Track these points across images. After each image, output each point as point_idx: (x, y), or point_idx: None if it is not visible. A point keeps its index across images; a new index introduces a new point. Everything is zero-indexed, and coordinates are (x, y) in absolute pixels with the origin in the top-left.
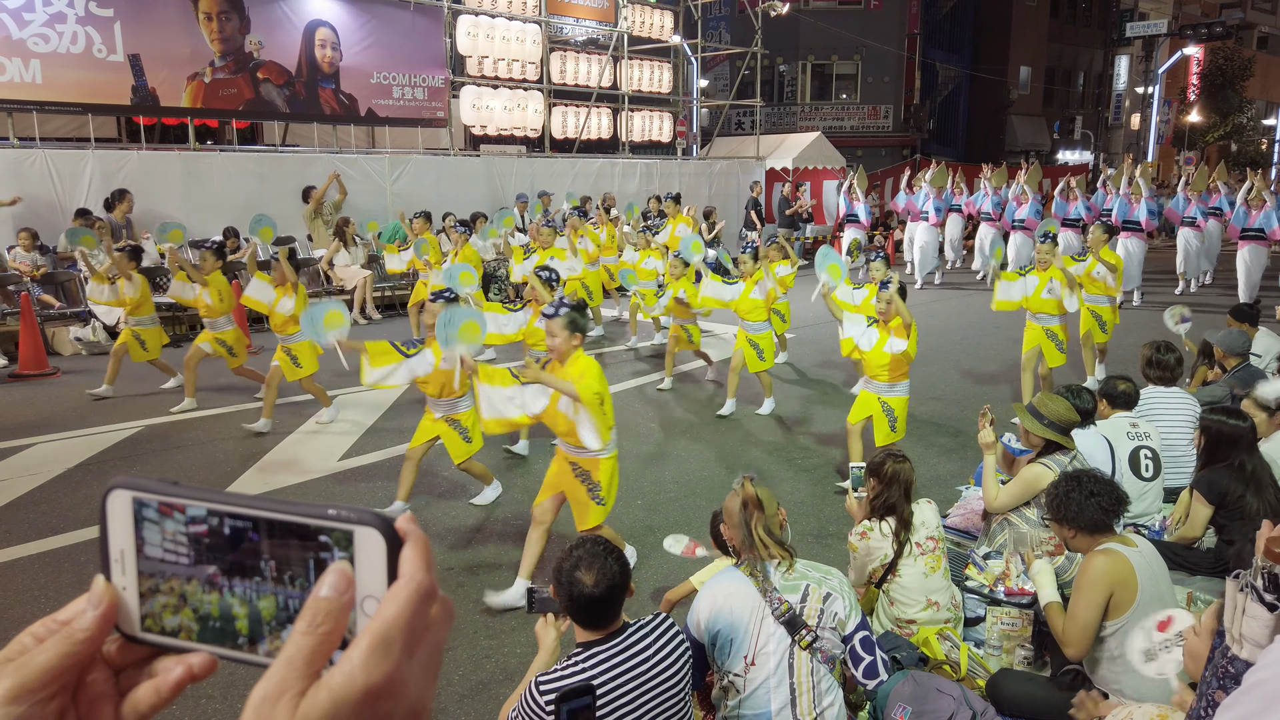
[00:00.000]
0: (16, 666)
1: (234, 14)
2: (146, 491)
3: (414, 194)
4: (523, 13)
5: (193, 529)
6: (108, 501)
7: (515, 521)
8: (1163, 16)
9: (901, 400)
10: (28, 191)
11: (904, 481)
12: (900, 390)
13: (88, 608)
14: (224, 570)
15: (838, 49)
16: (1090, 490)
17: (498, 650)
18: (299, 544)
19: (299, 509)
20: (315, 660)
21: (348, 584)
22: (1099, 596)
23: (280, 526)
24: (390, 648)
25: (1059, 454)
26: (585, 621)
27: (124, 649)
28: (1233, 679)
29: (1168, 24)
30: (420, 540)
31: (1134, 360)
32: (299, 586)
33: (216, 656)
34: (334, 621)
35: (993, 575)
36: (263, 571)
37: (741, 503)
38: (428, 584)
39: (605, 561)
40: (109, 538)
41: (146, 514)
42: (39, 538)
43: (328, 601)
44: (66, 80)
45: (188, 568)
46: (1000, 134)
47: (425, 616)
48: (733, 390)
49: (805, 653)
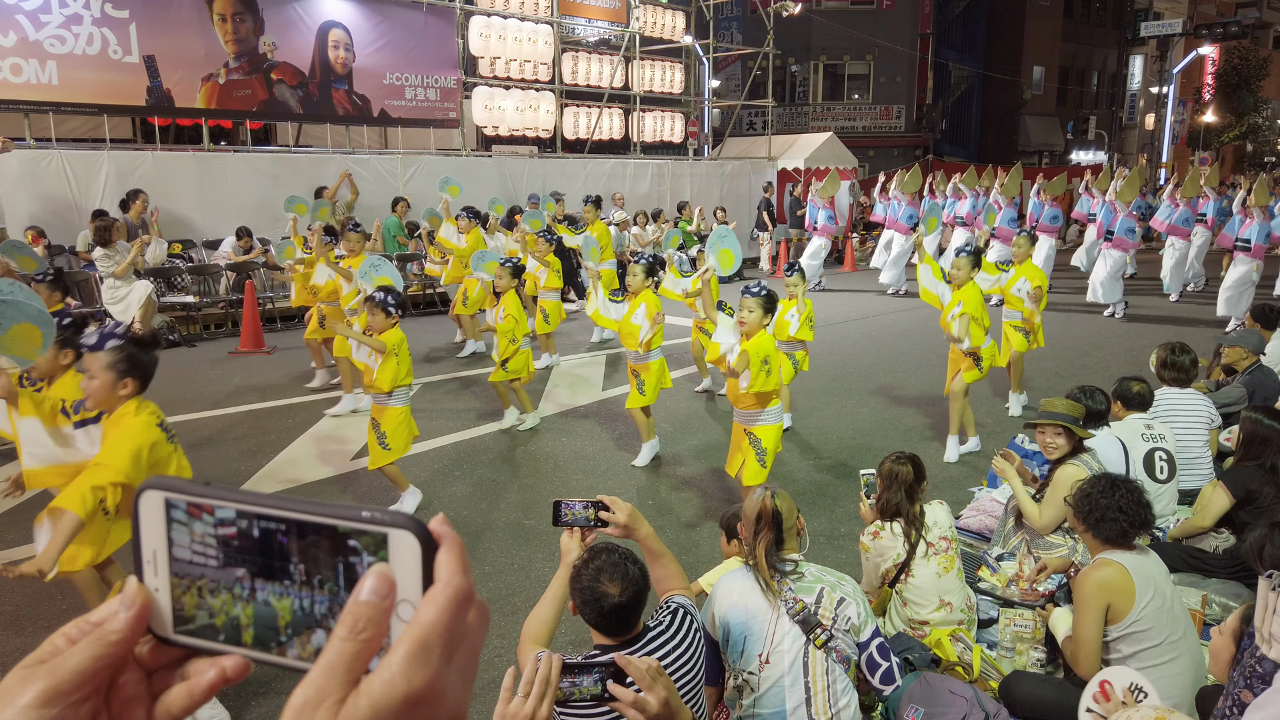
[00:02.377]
0: (49, 669)
1: (248, 15)
2: (177, 492)
3: (426, 194)
4: (535, 13)
5: (222, 530)
6: (140, 502)
7: (525, 521)
8: (1178, 16)
9: (769, 431)
10: (44, 192)
11: (903, 482)
12: (769, 418)
13: (120, 609)
14: (255, 571)
15: (850, 49)
16: (1120, 506)
17: (508, 650)
18: (330, 546)
19: (331, 510)
20: (356, 667)
21: (390, 588)
22: (1097, 613)
23: (311, 528)
24: (430, 654)
25: (1086, 454)
26: (610, 630)
27: (156, 651)
28: (1261, 679)
29: (1183, 23)
30: (456, 543)
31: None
32: (328, 590)
33: (249, 659)
34: (375, 627)
35: (1005, 577)
36: (292, 574)
37: (757, 515)
38: (466, 588)
39: (628, 569)
40: (141, 538)
41: (176, 515)
42: None
43: (369, 606)
44: (82, 81)
45: (218, 569)
46: (1014, 134)
47: (463, 621)
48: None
49: (820, 652)
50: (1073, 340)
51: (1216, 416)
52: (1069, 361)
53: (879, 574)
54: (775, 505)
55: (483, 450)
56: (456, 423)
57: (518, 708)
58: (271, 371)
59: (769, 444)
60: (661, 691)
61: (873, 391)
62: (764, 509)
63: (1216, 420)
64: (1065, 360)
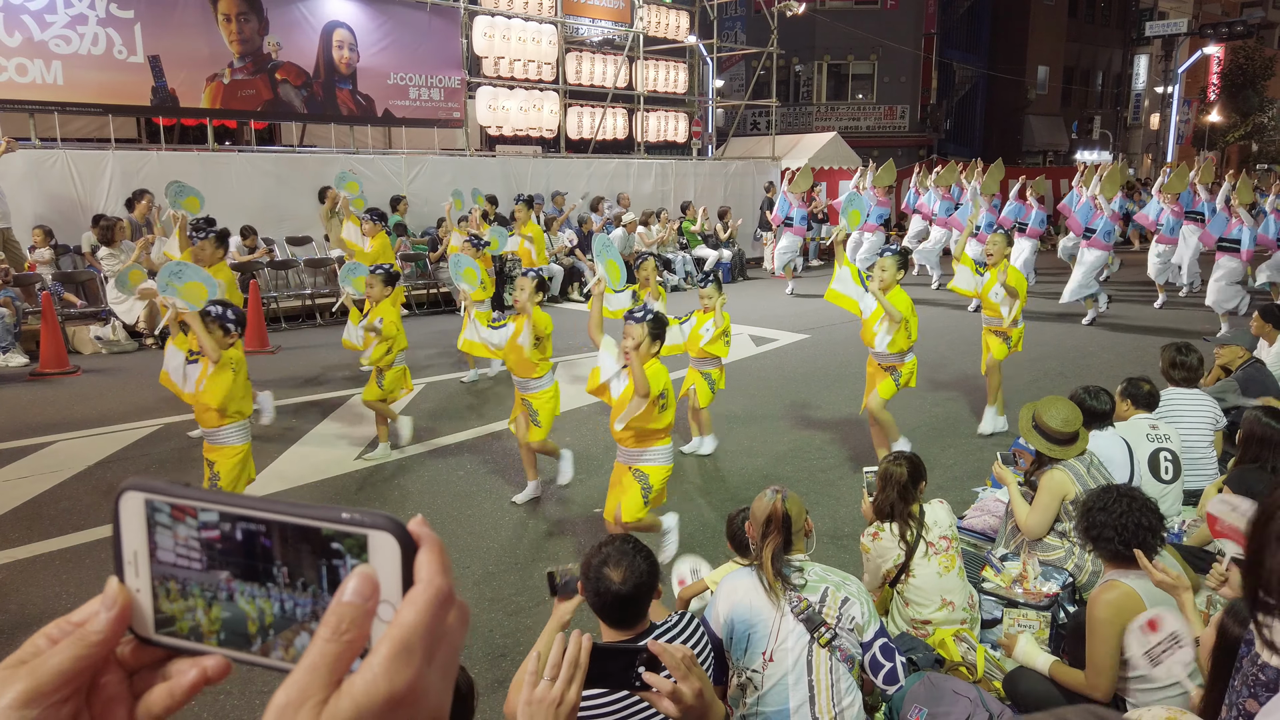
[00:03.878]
0: (30, 669)
1: (253, 15)
2: (159, 494)
3: (430, 194)
4: (539, 14)
5: (205, 533)
6: (120, 503)
7: (526, 519)
8: (1183, 15)
9: (657, 471)
10: (49, 192)
11: (897, 482)
12: (656, 457)
13: (101, 609)
14: (237, 573)
15: (854, 49)
16: (1115, 524)
17: (513, 649)
18: (311, 548)
19: (311, 512)
20: (338, 668)
21: (373, 590)
22: (1111, 640)
23: (292, 530)
24: (411, 655)
25: (1077, 460)
26: (612, 620)
27: (138, 651)
28: (1265, 687)
29: (1188, 23)
30: (435, 544)
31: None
32: (310, 592)
33: (230, 659)
34: (358, 629)
35: (1010, 577)
36: (275, 575)
37: (766, 518)
38: (446, 589)
39: (634, 560)
40: (122, 539)
41: (159, 517)
42: (59, 534)
43: (352, 607)
44: (87, 81)
45: (201, 571)
46: (1018, 134)
47: (444, 622)
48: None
49: (824, 651)
50: (1048, 347)
51: (1222, 417)
52: (1043, 368)
53: (880, 574)
54: (785, 508)
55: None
56: (470, 422)
57: (544, 692)
58: (276, 371)
59: (655, 482)
60: (696, 682)
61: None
62: (774, 512)
63: (1222, 421)
64: (1035, 368)
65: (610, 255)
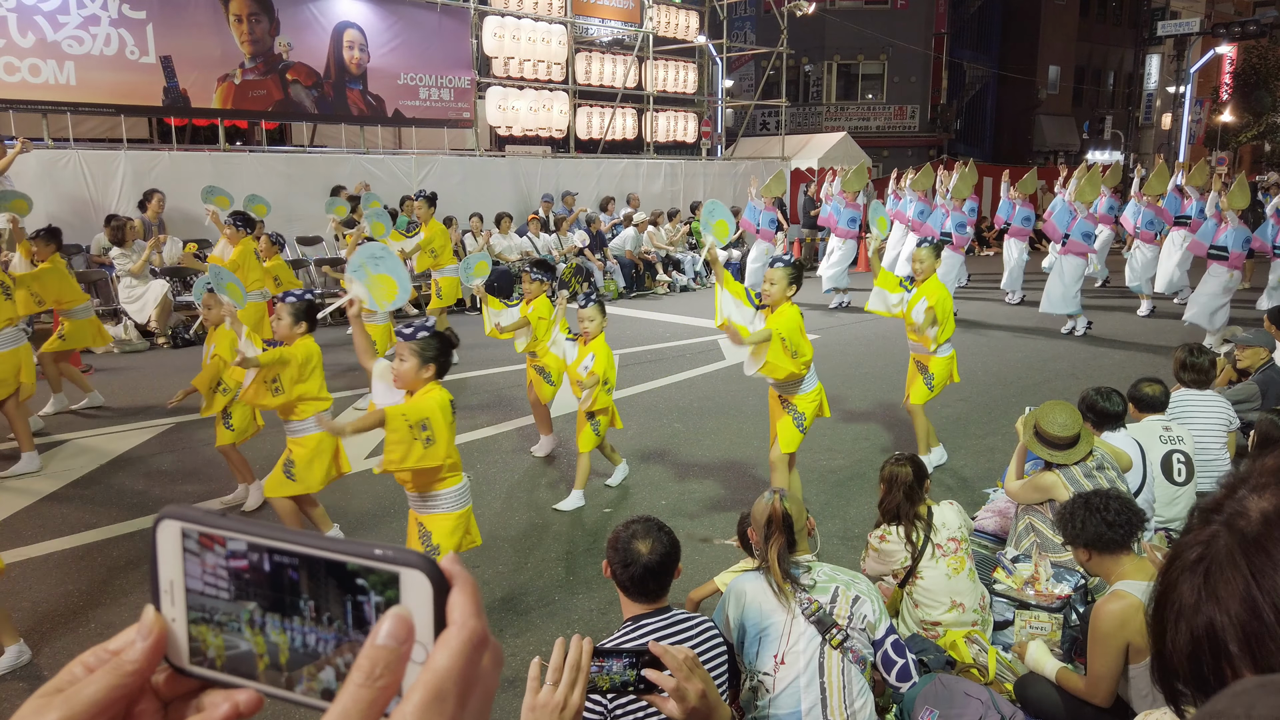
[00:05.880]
0: (65, 698)
1: (264, 16)
2: (192, 522)
3: (440, 194)
4: (548, 14)
5: (233, 563)
6: (158, 531)
7: (534, 524)
8: (1195, 15)
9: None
10: (61, 192)
11: (902, 483)
12: (444, 503)
13: (137, 638)
14: (265, 605)
15: (864, 49)
16: (1096, 506)
17: (523, 649)
18: (337, 582)
19: (343, 547)
20: (371, 714)
21: (408, 633)
22: (1115, 651)
23: (321, 564)
24: (445, 701)
25: (1075, 467)
26: (637, 592)
27: (172, 681)
28: None
29: (1200, 22)
30: (469, 583)
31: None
32: (336, 627)
33: (261, 693)
34: (392, 673)
35: (1021, 579)
36: (302, 609)
37: (767, 519)
38: (480, 631)
39: (659, 534)
40: (159, 568)
41: (189, 545)
42: (71, 533)
43: (387, 651)
44: (100, 82)
45: (230, 601)
46: (1029, 134)
47: (477, 665)
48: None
49: (836, 652)
50: (1059, 348)
51: (1235, 418)
52: (1054, 369)
53: (885, 572)
54: (785, 509)
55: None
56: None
57: (547, 697)
58: None
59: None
60: (699, 683)
61: (892, 388)
62: (774, 513)
63: (1235, 422)
64: (1046, 369)
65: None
